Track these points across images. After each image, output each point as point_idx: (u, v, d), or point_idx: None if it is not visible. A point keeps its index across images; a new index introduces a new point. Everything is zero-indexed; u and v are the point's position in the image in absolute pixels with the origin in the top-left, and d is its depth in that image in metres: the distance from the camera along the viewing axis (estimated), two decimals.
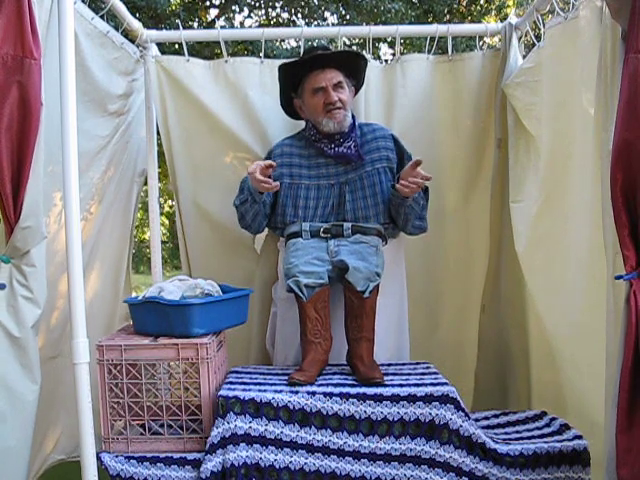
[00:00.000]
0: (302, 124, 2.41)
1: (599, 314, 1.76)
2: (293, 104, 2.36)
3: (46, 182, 2.00)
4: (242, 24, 7.75)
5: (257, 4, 7.46)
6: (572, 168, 2.04)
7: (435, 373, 2.06)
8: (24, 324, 1.66)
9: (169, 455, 1.85)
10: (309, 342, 2.07)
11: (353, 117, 2.30)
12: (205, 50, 6.15)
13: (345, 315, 2.12)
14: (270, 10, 7.52)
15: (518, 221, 2.39)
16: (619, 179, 1.44)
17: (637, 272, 1.46)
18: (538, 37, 2.32)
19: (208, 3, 7.12)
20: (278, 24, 7.34)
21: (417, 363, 2.21)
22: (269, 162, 2.11)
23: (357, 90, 2.40)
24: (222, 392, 1.86)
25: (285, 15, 7.49)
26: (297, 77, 2.29)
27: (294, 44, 6.08)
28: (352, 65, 2.31)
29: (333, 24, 6.90)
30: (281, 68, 2.31)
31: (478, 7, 7.43)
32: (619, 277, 1.48)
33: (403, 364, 2.20)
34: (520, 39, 2.52)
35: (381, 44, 7.13)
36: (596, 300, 1.82)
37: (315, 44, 5.73)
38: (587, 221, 1.92)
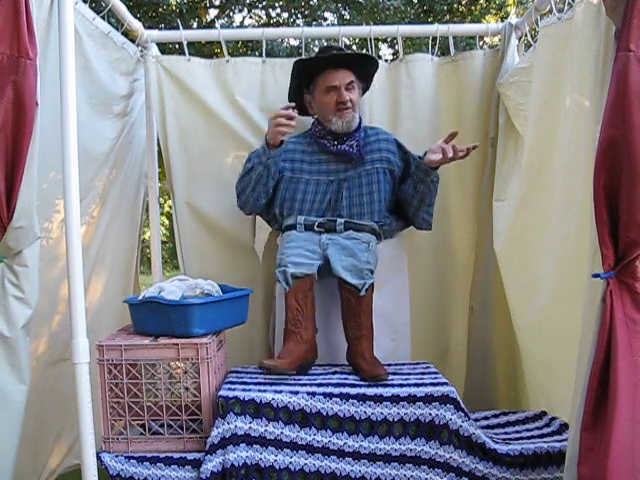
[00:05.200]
0: (302, 125, 2.41)
1: (569, 312, 1.75)
2: (303, 99, 2.38)
3: (48, 188, 1.98)
4: (242, 24, 7.74)
5: (257, 4, 7.45)
6: (553, 167, 2.04)
7: (435, 373, 2.06)
8: (14, 324, 1.66)
9: (169, 455, 1.85)
10: (288, 331, 2.09)
11: (360, 118, 2.34)
12: (204, 49, 6.14)
13: (343, 314, 2.14)
14: (270, 10, 7.51)
15: (498, 219, 2.39)
16: (602, 176, 1.43)
17: (614, 271, 1.44)
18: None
19: (208, 3, 7.11)
20: (278, 24, 7.33)
21: (417, 363, 2.21)
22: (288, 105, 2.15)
23: (363, 92, 2.44)
24: (222, 392, 1.86)
25: (285, 15, 7.48)
26: (310, 74, 2.32)
27: (294, 42, 6.06)
28: (364, 67, 2.35)
29: (333, 24, 6.89)
30: (296, 63, 2.35)
31: (479, 7, 7.41)
32: (596, 275, 1.45)
33: (403, 364, 2.21)
34: (520, 39, 2.53)
35: (380, 43, 7.12)
36: (568, 298, 1.82)
37: (315, 44, 5.73)
38: (565, 220, 1.91)
